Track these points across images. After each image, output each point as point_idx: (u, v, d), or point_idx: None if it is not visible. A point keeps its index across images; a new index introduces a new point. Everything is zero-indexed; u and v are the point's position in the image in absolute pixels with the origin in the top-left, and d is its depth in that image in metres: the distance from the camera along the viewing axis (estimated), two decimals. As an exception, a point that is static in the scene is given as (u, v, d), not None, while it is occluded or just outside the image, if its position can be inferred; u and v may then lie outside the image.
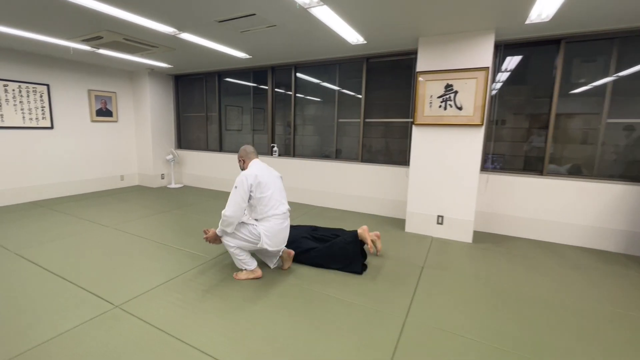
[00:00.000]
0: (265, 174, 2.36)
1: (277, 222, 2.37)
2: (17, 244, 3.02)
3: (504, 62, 3.51)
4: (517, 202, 3.51)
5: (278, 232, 2.37)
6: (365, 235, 2.74)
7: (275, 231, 2.36)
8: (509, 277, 2.61)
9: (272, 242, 2.35)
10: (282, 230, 2.40)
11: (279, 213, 2.37)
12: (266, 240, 2.32)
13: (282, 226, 2.40)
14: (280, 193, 2.43)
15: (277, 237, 2.38)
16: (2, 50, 4.29)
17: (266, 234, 2.32)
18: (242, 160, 2.49)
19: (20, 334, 1.76)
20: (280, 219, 2.38)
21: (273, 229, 2.34)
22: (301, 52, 4.18)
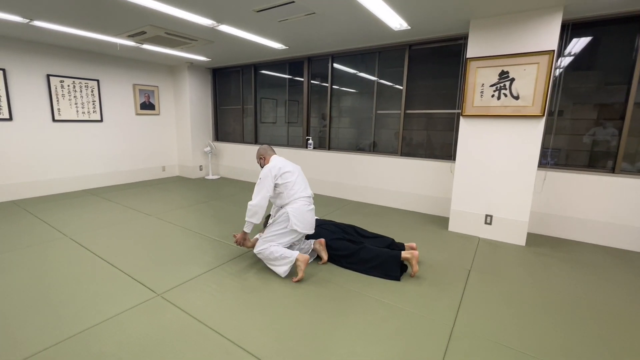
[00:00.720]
0: (288, 164, 2.52)
1: (303, 203, 2.43)
2: (73, 230, 3.22)
3: (570, 44, 3.11)
4: (579, 202, 3.13)
5: (305, 214, 2.43)
6: (413, 263, 2.37)
7: (302, 212, 2.41)
8: (570, 286, 2.33)
9: (300, 222, 2.39)
10: (308, 212, 2.46)
11: (305, 196, 2.46)
12: (294, 220, 2.36)
13: (308, 209, 2.46)
14: (303, 179, 2.55)
15: (305, 218, 2.42)
16: (59, 48, 4.58)
17: (294, 214, 2.37)
18: (262, 158, 2.62)
19: (73, 317, 1.84)
20: (306, 202, 2.46)
21: (300, 209, 2.40)
22: (339, 41, 4.02)
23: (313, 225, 2.51)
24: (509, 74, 2.84)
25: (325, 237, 2.64)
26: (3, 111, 4.17)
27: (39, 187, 4.60)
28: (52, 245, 2.83)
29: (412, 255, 2.36)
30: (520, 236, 3.05)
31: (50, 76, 4.53)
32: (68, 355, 1.55)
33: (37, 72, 4.43)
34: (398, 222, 3.67)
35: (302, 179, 2.53)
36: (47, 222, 3.45)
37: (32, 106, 4.43)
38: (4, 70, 4.11)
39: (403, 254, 2.37)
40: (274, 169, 2.42)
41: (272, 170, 2.40)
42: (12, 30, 3.79)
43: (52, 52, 4.54)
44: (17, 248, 2.76)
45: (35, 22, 3.38)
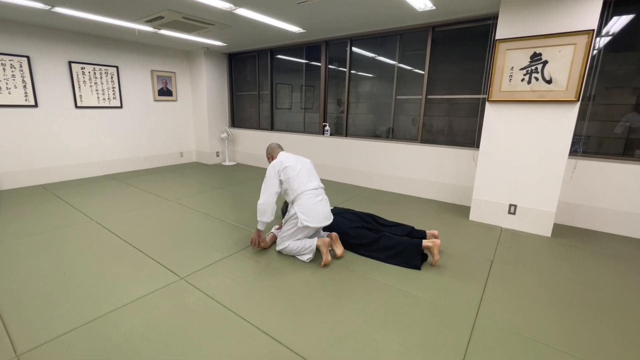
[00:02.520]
0: (291, 159, 2.46)
1: (309, 196, 2.37)
2: (98, 213, 3.33)
3: (609, 23, 2.89)
4: (611, 192, 2.98)
5: (313, 206, 2.36)
6: (435, 252, 2.31)
7: (309, 205, 2.35)
8: (599, 279, 2.24)
9: (308, 217, 2.33)
10: (316, 204, 2.38)
11: (309, 189, 2.39)
12: (302, 216, 2.32)
13: (316, 200, 2.39)
14: (308, 172, 2.48)
15: (313, 211, 2.35)
16: (79, 34, 4.63)
17: (301, 210, 2.34)
18: (270, 157, 2.61)
19: (102, 297, 1.91)
20: (312, 194, 2.39)
21: (306, 204, 2.35)
22: (359, 24, 3.88)
23: (327, 216, 2.43)
24: (542, 56, 2.68)
25: (344, 226, 2.61)
26: (29, 98, 4.29)
27: (64, 171, 4.76)
28: (80, 228, 2.94)
29: (434, 244, 2.31)
30: (546, 227, 2.95)
31: (71, 63, 4.60)
32: (99, 333, 1.62)
33: (59, 58, 4.51)
34: (417, 211, 3.61)
35: (306, 172, 2.45)
36: (74, 205, 3.58)
37: (56, 93, 4.54)
38: (28, 57, 4.20)
39: (424, 243, 2.33)
40: (276, 164, 2.41)
41: (275, 166, 2.40)
42: (35, 18, 3.83)
43: (73, 38, 4.59)
44: (47, 230, 2.88)
45: (56, 9, 3.41)
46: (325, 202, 2.46)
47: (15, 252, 2.47)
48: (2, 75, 4.04)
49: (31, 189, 4.24)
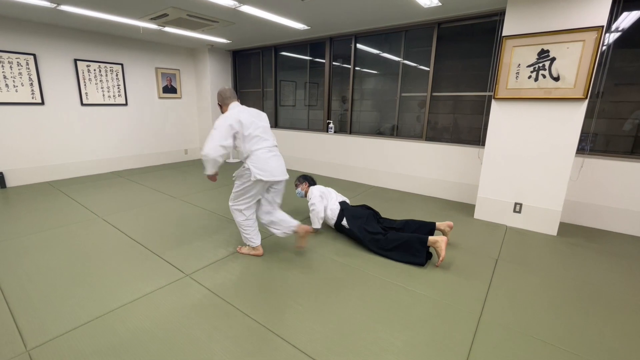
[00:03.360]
0: (246, 115, 2.29)
1: (263, 152, 2.28)
2: (104, 210, 3.36)
3: (618, 19, 2.84)
4: (619, 191, 2.95)
5: (266, 160, 2.27)
6: (442, 247, 2.28)
7: (262, 160, 2.26)
8: (605, 278, 2.23)
9: (262, 171, 2.23)
10: (270, 158, 2.30)
11: (263, 146, 2.30)
12: (255, 170, 2.22)
13: (270, 154, 2.31)
14: (264, 130, 2.35)
15: (268, 165, 2.27)
16: (85, 32, 4.65)
17: (254, 164, 2.24)
18: (220, 106, 2.42)
19: (110, 294, 1.94)
20: (266, 150, 2.30)
21: (259, 158, 2.26)
22: (364, 21, 3.85)
23: (282, 172, 2.37)
24: (550, 53, 2.64)
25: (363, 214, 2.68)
26: (35, 96, 4.33)
27: (70, 169, 4.81)
28: (87, 225, 2.97)
29: (441, 239, 2.28)
30: (552, 226, 2.92)
31: (77, 60, 4.63)
32: (106, 329, 1.64)
33: (65, 56, 4.54)
34: (421, 209, 3.60)
35: (262, 130, 2.33)
36: (80, 202, 3.62)
37: (62, 90, 4.57)
38: (34, 55, 4.23)
39: (431, 238, 2.32)
40: (228, 118, 2.23)
41: (227, 120, 2.22)
42: (41, 16, 3.86)
43: (79, 36, 4.61)
44: (55, 227, 2.92)
45: (62, 7, 3.42)
46: (277, 158, 2.37)
47: (24, 248, 2.51)
48: (9, 73, 4.07)
49: (38, 186, 4.29)
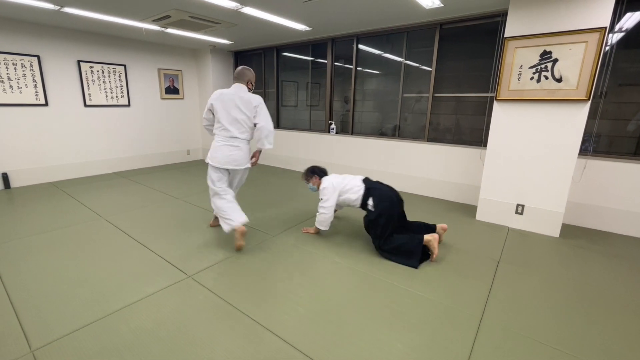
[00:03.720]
0: (220, 100, 2.50)
1: (219, 139, 2.55)
2: (107, 211, 3.38)
3: (621, 20, 2.82)
4: (622, 192, 2.93)
5: (217, 149, 2.54)
6: (435, 245, 2.36)
7: (215, 147, 2.56)
8: (608, 280, 2.22)
9: (211, 156, 2.56)
10: (222, 147, 2.53)
11: (222, 135, 2.54)
12: (208, 154, 2.58)
13: (222, 143, 2.53)
14: (231, 122, 2.51)
15: (217, 153, 2.54)
16: (88, 34, 4.68)
17: (211, 149, 2.58)
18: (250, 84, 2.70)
19: (113, 295, 1.95)
20: (222, 139, 2.54)
21: (214, 145, 2.57)
22: (366, 21, 3.85)
23: (228, 162, 2.54)
24: (552, 55, 2.63)
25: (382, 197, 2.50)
26: (39, 97, 4.36)
27: (73, 169, 4.84)
28: (90, 226, 2.99)
29: (433, 237, 2.35)
30: (554, 227, 2.91)
31: (80, 62, 4.66)
32: (110, 330, 1.66)
33: (69, 58, 4.57)
34: (423, 210, 3.59)
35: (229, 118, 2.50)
36: (84, 203, 3.64)
37: (65, 92, 4.60)
38: (38, 57, 4.26)
39: (425, 237, 2.35)
40: (213, 95, 2.55)
41: (211, 97, 2.55)
42: (45, 18, 3.89)
43: (82, 38, 4.64)
44: (58, 227, 2.94)
45: (65, 9, 3.45)
46: (230, 150, 2.53)
47: (28, 249, 2.53)
48: (14, 75, 4.11)
49: (42, 187, 4.33)
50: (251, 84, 2.67)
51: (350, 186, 2.60)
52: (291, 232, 2.94)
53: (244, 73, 2.61)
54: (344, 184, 2.63)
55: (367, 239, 2.78)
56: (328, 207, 2.62)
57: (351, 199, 2.59)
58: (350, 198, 2.60)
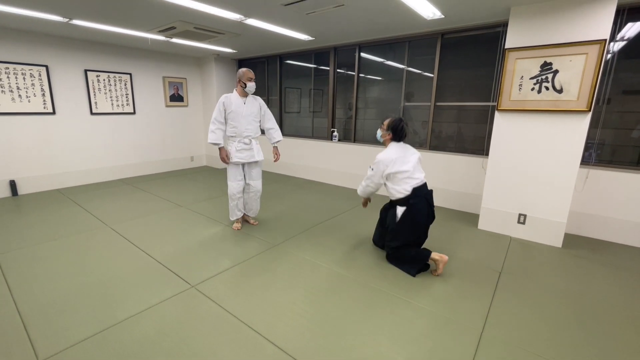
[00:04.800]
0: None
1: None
2: (112, 219, 3.43)
3: (623, 29, 2.84)
4: (625, 202, 2.92)
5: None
6: (440, 266, 2.32)
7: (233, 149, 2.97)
8: (611, 292, 2.21)
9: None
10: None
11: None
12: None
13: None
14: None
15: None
16: (95, 44, 4.77)
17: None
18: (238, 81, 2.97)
19: (117, 305, 1.98)
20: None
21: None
22: (368, 31, 3.90)
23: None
24: (552, 66, 2.65)
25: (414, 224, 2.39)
26: (47, 106, 4.44)
27: (79, 176, 4.92)
28: (95, 234, 3.04)
29: (441, 258, 2.33)
30: (557, 237, 2.91)
31: (87, 71, 4.75)
32: (114, 341, 1.69)
33: (76, 67, 4.66)
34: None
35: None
36: (89, 210, 3.70)
37: (73, 100, 4.69)
38: (47, 67, 4.35)
39: (433, 255, 2.34)
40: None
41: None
42: (53, 29, 3.98)
43: (89, 48, 4.74)
44: (64, 235, 2.99)
45: (74, 21, 3.53)
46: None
47: (35, 257, 2.58)
48: (22, 84, 4.20)
49: (48, 194, 4.40)
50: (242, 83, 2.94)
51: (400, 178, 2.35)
52: (293, 240, 2.96)
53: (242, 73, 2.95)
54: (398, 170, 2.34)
55: (369, 249, 2.80)
56: (372, 184, 2.50)
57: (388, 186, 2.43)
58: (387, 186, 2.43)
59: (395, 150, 2.38)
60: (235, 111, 2.90)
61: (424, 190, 2.39)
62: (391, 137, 2.44)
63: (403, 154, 2.37)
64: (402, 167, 2.32)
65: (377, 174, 2.41)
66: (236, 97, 2.94)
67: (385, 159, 2.36)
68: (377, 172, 2.40)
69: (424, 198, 2.37)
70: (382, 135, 2.50)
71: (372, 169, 2.43)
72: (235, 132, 2.95)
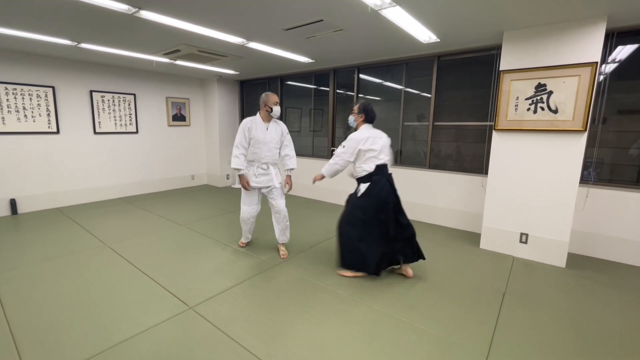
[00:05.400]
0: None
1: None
2: (111, 238, 3.40)
3: (614, 52, 2.93)
4: (627, 221, 2.91)
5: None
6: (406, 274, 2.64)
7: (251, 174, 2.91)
8: (617, 315, 2.16)
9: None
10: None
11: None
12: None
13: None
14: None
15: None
16: (101, 65, 4.91)
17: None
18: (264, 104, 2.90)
19: (113, 327, 1.94)
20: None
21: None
22: (366, 54, 4.02)
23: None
24: (547, 87, 2.72)
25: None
26: (51, 125, 4.51)
27: (80, 195, 4.92)
28: (93, 254, 3.01)
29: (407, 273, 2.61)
30: (560, 257, 2.88)
31: (93, 92, 4.86)
32: (109, 367, 1.64)
33: (82, 88, 4.77)
34: (426, 238, 3.57)
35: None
36: (88, 229, 3.68)
37: (77, 120, 4.77)
38: (53, 87, 4.46)
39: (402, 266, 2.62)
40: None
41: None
42: (62, 52, 4.11)
43: (95, 69, 4.87)
44: (62, 255, 2.96)
45: (82, 45, 3.65)
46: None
47: (31, 277, 2.54)
48: (29, 105, 4.28)
49: (48, 213, 4.38)
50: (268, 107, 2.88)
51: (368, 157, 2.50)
52: (295, 260, 2.93)
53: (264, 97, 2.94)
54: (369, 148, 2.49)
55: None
56: (341, 161, 2.57)
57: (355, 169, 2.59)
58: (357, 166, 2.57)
59: (367, 131, 2.56)
60: (258, 137, 2.80)
61: (385, 169, 2.57)
62: (363, 118, 2.61)
63: (373, 135, 2.55)
64: (372, 146, 2.50)
65: (348, 151, 2.52)
66: (260, 121, 2.84)
67: (359, 137, 2.52)
68: (349, 149, 2.51)
69: (385, 176, 2.55)
70: (355, 119, 2.65)
71: (344, 147, 2.54)
72: (255, 158, 2.87)
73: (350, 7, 2.45)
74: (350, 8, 2.46)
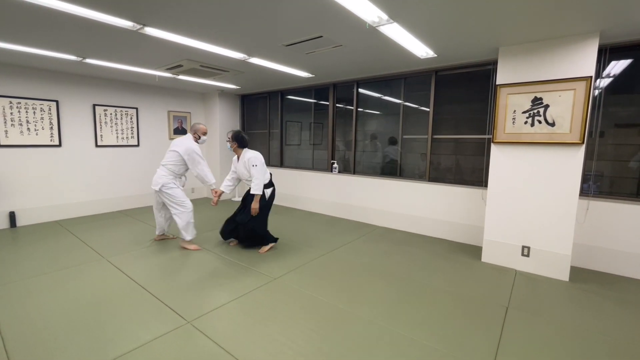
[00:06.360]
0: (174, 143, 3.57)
1: None
2: (109, 251, 3.37)
3: (608, 67, 2.99)
4: (629, 234, 2.89)
5: None
6: None
7: None
8: (622, 329, 2.12)
9: None
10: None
11: None
12: None
13: None
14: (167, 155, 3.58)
15: None
16: (104, 80, 5.00)
17: None
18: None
19: (110, 342, 1.89)
20: None
21: None
22: (365, 69, 4.10)
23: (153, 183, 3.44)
24: (543, 100, 2.76)
25: None
26: (54, 138, 4.56)
27: (79, 208, 4.91)
28: (91, 267, 2.97)
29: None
30: (563, 270, 2.85)
31: (96, 105, 4.93)
32: (103, 384, 1.59)
33: (85, 102, 4.84)
34: (427, 251, 3.54)
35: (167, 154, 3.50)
36: (86, 242, 3.65)
37: (79, 133, 4.81)
38: (57, 101, 4.53)
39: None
40: None
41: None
42: (66, 67, 4.19)
43: (98, 83, 4.95)
44: (59, 268, 2.93)
45: (87, 60, 3.73)
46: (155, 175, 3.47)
47: (27, 291, 2.50)
48: (32, 118, 4.34)
49: (47, 225, 4.36)
50: (197, 135, 3.51)
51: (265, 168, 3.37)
52: (294, 274, 2.89)
53: (193, 126, 3.54)
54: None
55: (371, 282, 2.73)
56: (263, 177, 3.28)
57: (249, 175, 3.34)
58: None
59: (250, 152, 3.34)
60: None
61: None
62: (237, 145, 3.37)
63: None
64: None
65: (263, 168, 3.28)
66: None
67: (258, 155, 3.29)
68: (263, 166, 3.28)
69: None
70: (231, 146, 3.41)
71: (258, 166, 3.21)
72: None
73: (349, 24, 2.51)
74: (349, 25, 2.53)
